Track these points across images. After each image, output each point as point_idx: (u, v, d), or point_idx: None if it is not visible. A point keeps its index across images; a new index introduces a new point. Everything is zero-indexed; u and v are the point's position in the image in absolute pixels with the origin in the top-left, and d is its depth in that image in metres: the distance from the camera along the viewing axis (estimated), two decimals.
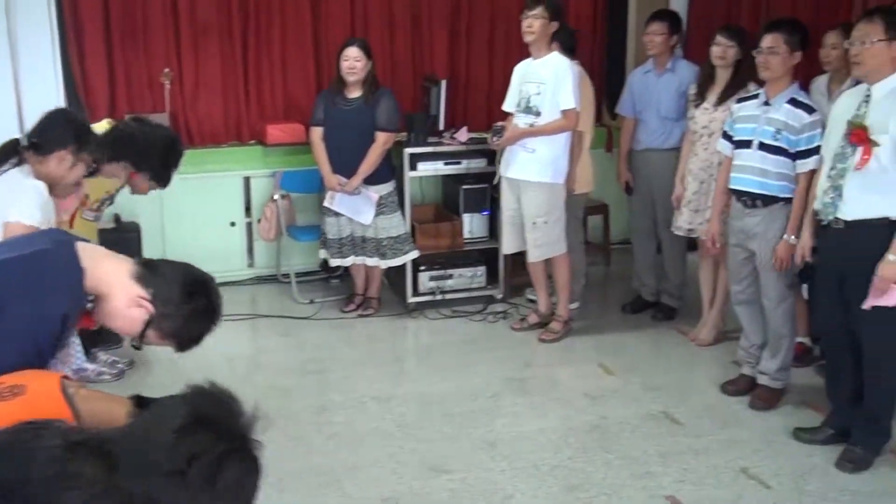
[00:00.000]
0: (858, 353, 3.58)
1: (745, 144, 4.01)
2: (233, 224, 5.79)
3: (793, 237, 3.83)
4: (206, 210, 5.69)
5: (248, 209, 5.81)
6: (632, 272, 5.55)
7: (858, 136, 3.39)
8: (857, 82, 3.69)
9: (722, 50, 4.54)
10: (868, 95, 3.43)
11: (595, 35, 6.46)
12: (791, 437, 3.84)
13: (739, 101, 4.20)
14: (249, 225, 5.83)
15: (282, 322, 5.28)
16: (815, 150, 3.75)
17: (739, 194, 4.05)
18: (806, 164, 3.81)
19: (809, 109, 3.87)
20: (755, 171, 3.96)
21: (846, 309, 3.55)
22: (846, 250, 3.47)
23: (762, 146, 3.93)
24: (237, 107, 5.76)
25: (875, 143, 3.34)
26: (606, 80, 6.40)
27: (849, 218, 3.43)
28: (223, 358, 4.65)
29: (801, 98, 3.94)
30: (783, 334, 4.11)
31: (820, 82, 4.43)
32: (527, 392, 4.37)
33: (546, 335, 5.00)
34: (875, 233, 3.37)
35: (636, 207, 5.35)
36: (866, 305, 3.40)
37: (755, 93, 4.13)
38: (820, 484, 3.50)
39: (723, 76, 4.60)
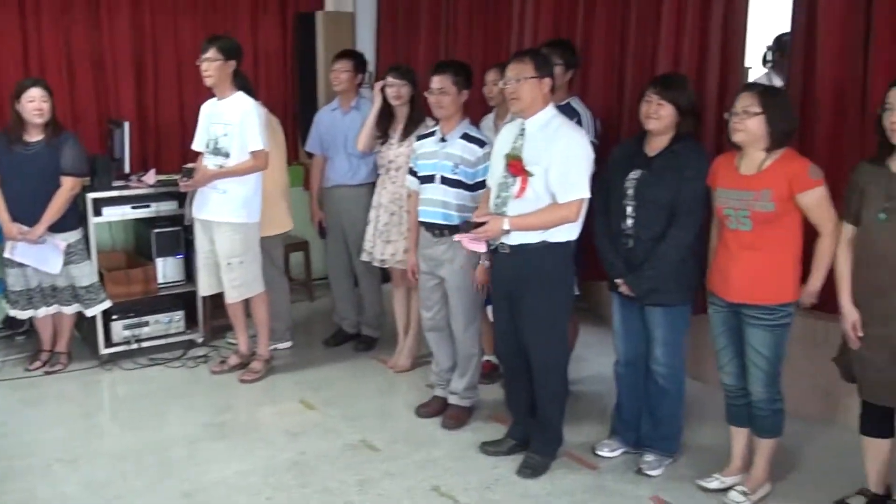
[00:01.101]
0: (531, 368, 3.86)
1: (429, 179, 4.21)
2: None
3: (487, 262, 4.04)
4: None
5: None
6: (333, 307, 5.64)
7: (515, 167, 3.65)
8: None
9: (396, 90, 4.76)
10: (523, 129, 3.71)
11: (286, 73, 6.55)
12: (479, 452, 4.06)
13: (419, 138, 4.40)
14: None
15: None
16: None
17: (427, 226, 4.25)
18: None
19: (481, 143, 4.13)
20: (439, 204, 4.17)
21: (517, 327, 3.82)
22: (512, 273, 3.72)
23: (444, 180, 4.15)
24: None
25: (530, 174, 3.61)
26: (300, 118, 6.49)
27: (513, 243, 3.66)
28: None
29: (473, 133, 4.21)
30: (472, 354, 4.34)
31: (489, 118, 4.75)
32: (226, 436, 4.29)
33: (247, 375, 4.95)
34: (536, 255, 3.64)
35: (331, 243, 5.44)
36: (458, 238, 3.81)
37: (432, 130, 4.35)
38: (504, 493, 3.72)
39: (402, 113, 4.83)
